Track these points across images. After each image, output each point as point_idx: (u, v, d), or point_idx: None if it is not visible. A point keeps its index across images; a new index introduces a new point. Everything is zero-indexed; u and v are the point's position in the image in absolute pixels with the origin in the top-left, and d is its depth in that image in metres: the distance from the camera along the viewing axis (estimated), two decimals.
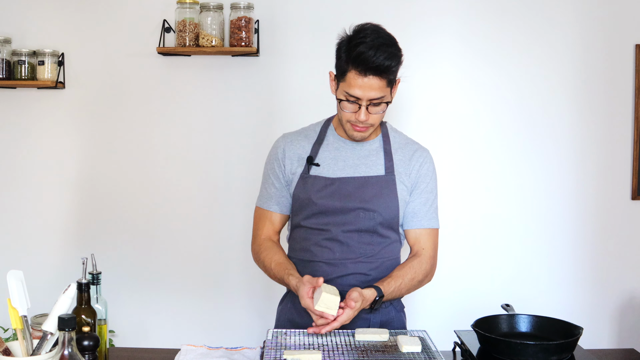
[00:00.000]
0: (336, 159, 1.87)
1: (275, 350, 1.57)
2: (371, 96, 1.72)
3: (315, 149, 1.88)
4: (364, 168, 1.85)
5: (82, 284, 1.53)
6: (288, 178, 1.89)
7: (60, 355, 1.29)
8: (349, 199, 1.81)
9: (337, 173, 1.84)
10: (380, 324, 1.86)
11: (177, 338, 2.81)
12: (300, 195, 1.85)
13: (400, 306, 1.95)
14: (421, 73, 2.81)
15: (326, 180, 1.83)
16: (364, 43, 1.68)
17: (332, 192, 1.82)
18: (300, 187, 1.85)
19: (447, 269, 2.85)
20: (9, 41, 2.75)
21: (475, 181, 2.85)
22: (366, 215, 1.81)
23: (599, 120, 2.83)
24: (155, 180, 2.86)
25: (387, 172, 1.85)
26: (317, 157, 1.87)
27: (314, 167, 1.85)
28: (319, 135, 1.91)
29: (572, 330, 1.66)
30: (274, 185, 1.92)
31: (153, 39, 2.79)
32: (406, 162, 1.88)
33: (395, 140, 1.92)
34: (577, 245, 2.86)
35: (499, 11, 2.79)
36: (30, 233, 2.88)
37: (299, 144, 1.90)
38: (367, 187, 1.82)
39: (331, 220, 1.82)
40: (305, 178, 1.85)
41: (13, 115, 2.85)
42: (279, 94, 2.81)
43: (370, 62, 1.67)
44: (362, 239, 1.83)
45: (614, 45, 2.81)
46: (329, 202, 1.81)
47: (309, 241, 1.85)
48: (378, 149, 1.89)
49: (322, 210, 1.82)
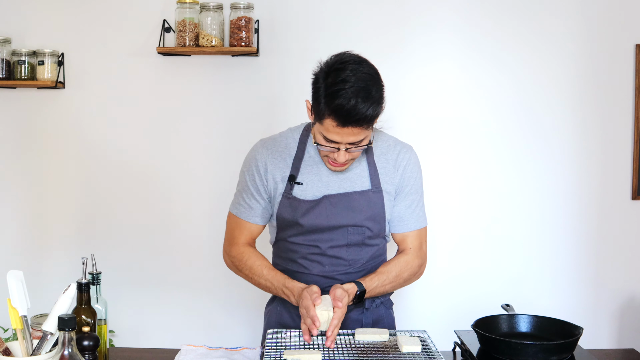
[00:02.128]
0: (319, 175, 1.78)
1: (275, 350, 1.57)
2: (350, 141, 1.63)
3: (296, 166, 1.79)
4: (349, 183, 1.79)
5: (82, 284, 1.53)
6: (270, 193, 1.83)
7: (60, 355, 1.29)
8: (336, 217, 1.77)
9: (322, 190, 1.77)
10: (372, 323, 1.85)
11: (177, 338, 2.81)
12: (285, 216, 1.80)
13: (389, 304, 1.95)
14: (421, 72, 2.81)
15: (311, 202, 1.77)
16: (343, 91, 1.55)
17: (318, 212, 1.77)
18: (285, 207, 1.79)
19: (447, 269, 2.86)
20: (9, 41, 2.75)
21: (475, 181, 2.84)
22: (355, 230, 1.79)
23: (599, 120, 2.83)
24: (155, 180, 2.86)
25: (373, 186, 1.79)
26: (298, 175, 1.78)
27: (296, 187, 1.79)
28: (298, 150, 1.80)
29: (572, 330, 1.66)
30: (254, 197, 1.84)
31: (153, 39, 2.79)
32: (390, 168, 1.82)
33: (377, 145, 1.83)
34: (577, 245, 2.86)
35: (499, 10, 2.79)
36: (31, 233, 2.88)
37: (280, 157, 1.81)
38: (353, 203, 1.77)
39: (319, 237, 1.79)
40: (289, 199, 1.79)
41: (13, 115, 2.85)
42: (279, 94, 2.81)
43: (351, 116, 1.56)
44: (351, 252, 1.81)
45: (614, 45, 2.81)
46: (315, 221, 1.77)
47: (297, 254, 1.83)
48: (361, 159, 1.80)
49: (310, 230, 1.79)
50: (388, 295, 1.94)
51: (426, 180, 2.79)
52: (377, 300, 1.86)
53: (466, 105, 2.82)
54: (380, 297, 1.88)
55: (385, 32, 2.79)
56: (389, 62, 2.80)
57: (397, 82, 2.81)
